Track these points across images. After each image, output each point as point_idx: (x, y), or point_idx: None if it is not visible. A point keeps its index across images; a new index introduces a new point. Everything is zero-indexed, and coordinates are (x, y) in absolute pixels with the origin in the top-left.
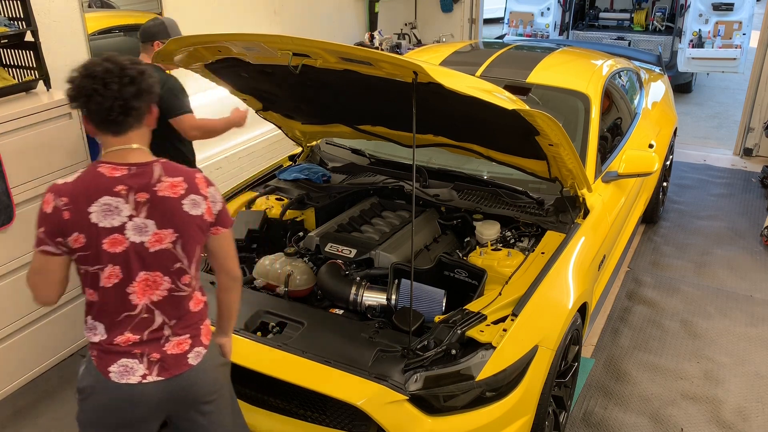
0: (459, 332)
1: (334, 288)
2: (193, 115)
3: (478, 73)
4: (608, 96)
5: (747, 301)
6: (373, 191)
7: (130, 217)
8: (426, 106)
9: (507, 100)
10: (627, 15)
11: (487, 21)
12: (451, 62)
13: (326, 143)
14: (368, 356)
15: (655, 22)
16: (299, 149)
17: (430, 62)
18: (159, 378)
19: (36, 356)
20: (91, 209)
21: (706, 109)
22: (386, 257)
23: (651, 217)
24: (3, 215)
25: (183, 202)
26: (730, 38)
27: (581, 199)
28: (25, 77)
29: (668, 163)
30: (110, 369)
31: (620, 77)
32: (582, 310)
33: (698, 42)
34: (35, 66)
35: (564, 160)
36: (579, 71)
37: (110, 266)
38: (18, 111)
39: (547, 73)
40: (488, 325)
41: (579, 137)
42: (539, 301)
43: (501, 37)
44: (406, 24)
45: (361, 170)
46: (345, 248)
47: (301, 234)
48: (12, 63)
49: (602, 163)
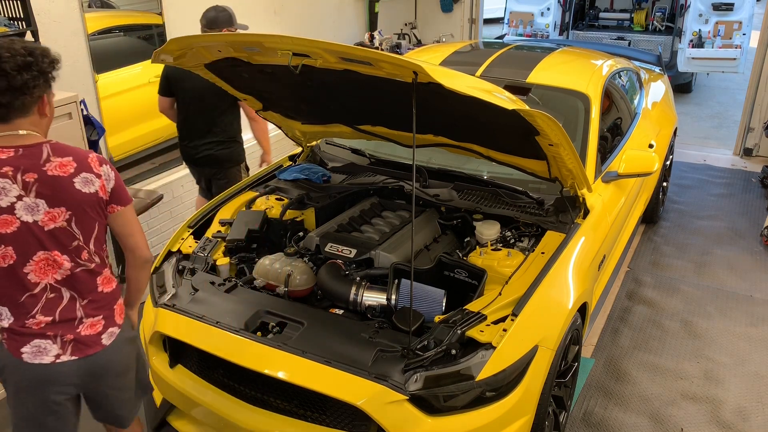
0: (459, 332)
1: (334, 288)
2: None
3: (478, 73)
4: (608, 96)
5: (747, 301)
6: (373, 191)
7: (19, 197)
8: (426, 106)
9: (507, 100)
10: (627, 15)
11: (487, 21)
12: (451, 62)
13: (326, 143)
14: (368, 356)
15: (655, 22)
16: (299, 149)
17: (430, 62)
18: (73, 357)
19: None
20: None
21: (706, 109)
22: (386, 257)
23: (651, 217)
24: None
25: (74, 180)
26: (730, 38)
27: (581, 199)
28: None
29: (668, 163)
30: (23, 350)
31: (620, 77)
32: (582, 310)
33: (698, 42)
34: None
35: (564, 160)
36: (579, 71)
37: (2, 247)
38: None
39: (547, 73)
40: (488, 325)
41: (579, 137)
42: (539, 301)
43: (501, 37)
44: (406, 24)
45: (361, 170)
46: (345, 248)
47: (301, 234)
48: None
49: (602, 163)
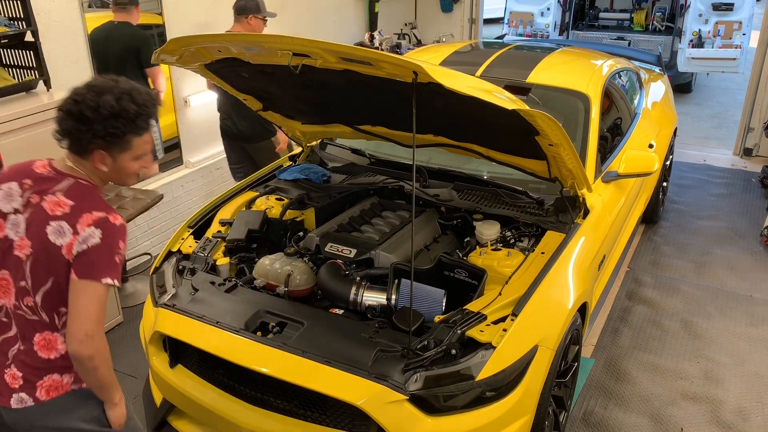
0: (459, 332)
1: (334, 288)
2: None
3: (478, 73)
4: (608, 96)
5: (747, 301)
6: (373, 191)
7: (15, 211)
8: (426, 106)
9: (507, 100)
10: (627, 15)
11: (487, 21)
12: (451, 62)
13: (326, 143)
14: (368, 356)
15: (655, 22)
16: (299, 149)
17: (430, 62)
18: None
19: None
20: (2, 187)
21: (706, 109)
22: (386, 257)
23: (651, 217)
24: None
25: (50, 223)
26: (730, 38)
27: (581, 199)
28: (25, 77)
29: (668, 163)
30: None
31: (620, 77)
32: (582, 310)
33: (698, 42)
34: (35, 66)
35: (564, 160)
36: (579, 71)
37: None
38: (18, 111)
39: (547, 73)
40: (488, 325)
41: (579, 137)
42: (539, 301)
43: (501, 37)
44: (406, 24)
45: (361, 170)
46: (345, 248)
47: (301, 234)
48: (12, 63)
49: (602, 163)
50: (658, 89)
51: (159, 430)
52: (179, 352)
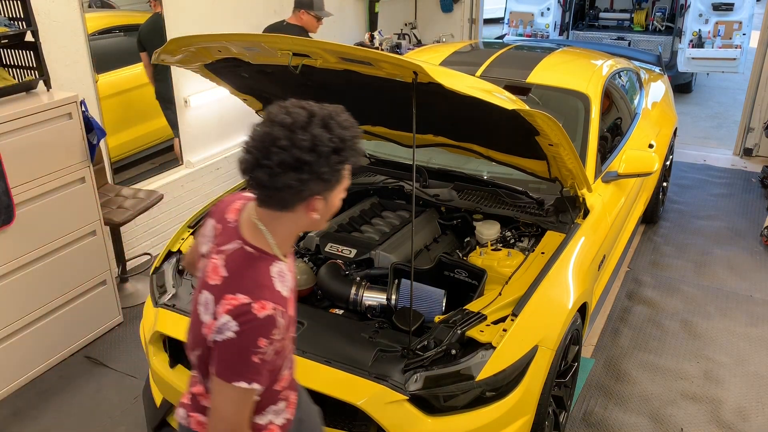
0: (459, 332)
1: (334, 288)
2: None
3: (478, 73)
4: (608, 96)
5: (747, 301)
6: (373, 191)
7: (204, 256)
8: (426, 106)
9: (507, 100)
10: (627, 15)
11: (487, 21)
12: (451, 62)
13: None
14: (368, 356)
15: (655, 22)
16: None
17: (430, 62)
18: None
19: (36, 356)
20: (208, 222)
21: (706, 109)
22: (386, 257)
23: (651, 217)
24: (3, 215)
25: (203, 291)
26: (730, 38)
27: (581, 199)
28: (25, 77)
29: (668, 163)
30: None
31: (620, 77)
32: (582, 310)
33: (698, 42)
34: (35, 66)
35: (564, 160)
36: (579, 71)
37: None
38: (18, 111)
39: (547, 73)
40: (488, 325)
41: (579, 137)
42: (539, 301)
43: (501, 37)
44: (406, 24)
45: (361, 170)
46: (345, 248)
47: (301, 234)
48: (12, 63)
49: (602, 163)
50: (658, 89)
51: (159, 430)
52: (179, 352)
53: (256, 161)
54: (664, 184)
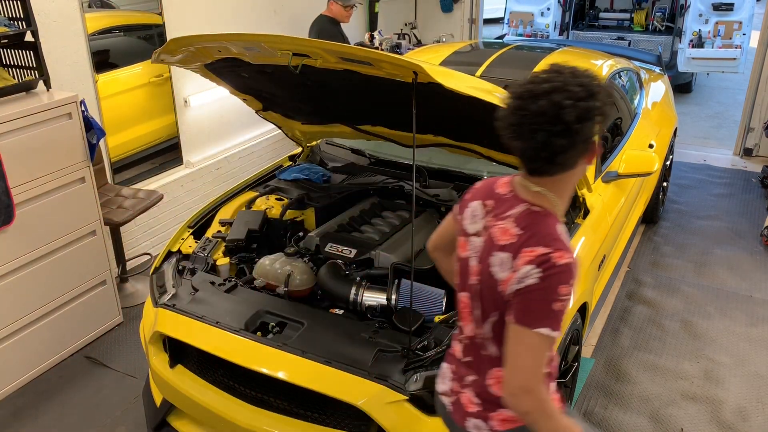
0: None
1: (334, 288)
2: None
3: (478, 73)
4: None
5: (747, 301)
6: (373, 191)
7: (476, 234)
8: (426, 106)
9: None
10: (627, 15)
11: (487, 21)
12: (451, 62)
13: (326, 143)
14: (368, 356)
15: (655, 22)
16: (299, 149)
17: (430, 62)
18: (449, 407)
19: (36, 356)
20: (470, 204)
21: (706, 109)
22: (386, 257)
23: (651, 217)
24: (3, 215)
25: (495, 253)
26: (730, 38)
27: (581, 199)
28: (25, 77)
29: (668, 163)
30: (442, 363)
31: (620, 77)
32: (582, 310)
33: (698, 42)
34: (35, 66)
35: None
36: None
37: (457, 264)
38: (18, 111)
39: None
40: None
41: None
42: None
43: (501, 37)
44: (406, 24)
45: (361, 170)
46: (345, 248)
47: (301, 234)
48: (12, 63)
49: (602, 163)
50: (658, 89)
51: (159, 430)
52: (179, 352)
53: (550, 132)
54: (664, 184)
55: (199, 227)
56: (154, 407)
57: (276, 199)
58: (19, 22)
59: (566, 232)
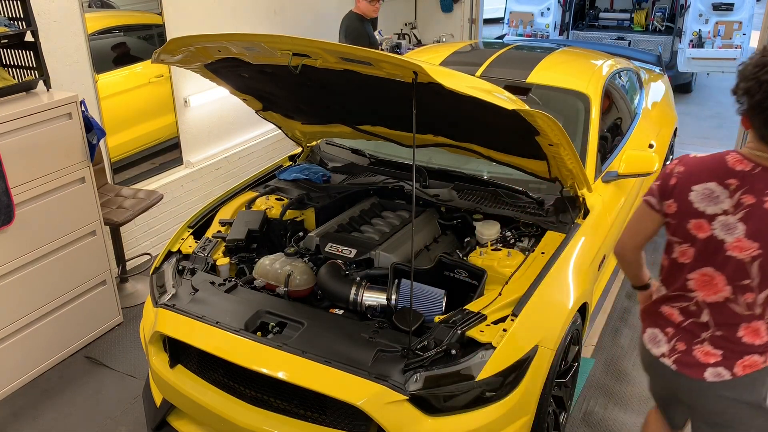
0: (459, 332)
1: (334, 288)
2: None
3: (478, 73)
4: (608, 96)
5: None
6: (373, 191)
7: (725, 212)
8: (426, 106)
9: (507, 100)
10: (627, 15)
11: (487, 21)
12: (451, 62)
13: (326, 143)
14: (368, 356)
15: (655, 22)
16: (299, 149)
17: (430, 62)
18: (672, 365)
19: (36, 356)
20: (695, 188)
21: (706, 109)
22: (386, 257)
23: None
24: (3, 215)
25: None
26: (730, 38)
27: (581, 199)
28: (25, 77)
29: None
30: (646, 330)
31: (620, 77)
32: (582, 310)
33: (698, 42)
34: (35, 66)
35: (564, 160)
36: (579, 71)
37: (686, 245)
38: (18, 111)
39: (547, 73)
40: (488, 325)
41: (579, 137)
42: (539, 301)
43: (501, 37)
44: (406, 24)
45: (361, 170)
46: (345, 248)
47: (301, 234)
48: (12, 63)
49: (602, 163)
50: (658, 89)
51: (159, 430)
52: (179, 353)
53: None
54: None
55: (199, 227)
56: (154, 407)
57: (276, 199)
58: (19, 22)
59: None
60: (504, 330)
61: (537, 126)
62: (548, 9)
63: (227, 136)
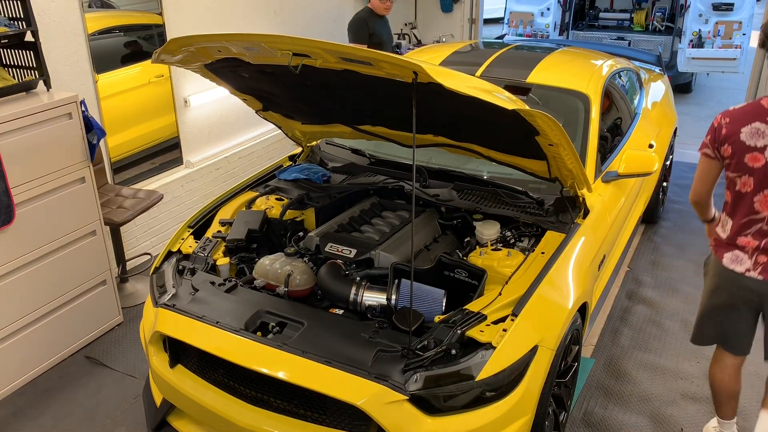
0: (459, 332)
1: (334, 288)
2: None
3: (478, 73)
4: (608, 96)
5: None
6: (373, 191)
7: None
8: (426, 106)
9: (507, 100)
10: (627, 15)
11: (487, 21)
12: (451, 62)
13: (326, 143)
14: (368, 356)
15: (655, 22)
16: (299, 149)
17: (430, 62)
18: (759, 277)
19: (36, 356)
20: (743, 129)
21: (706, 109)
22: (386, 257)
23: (651, 217)
24: (3, 215)
25: None
26: (730, 38)
27: (581, 199)
28: (25, 77)
29: (668, 163)
30: (725, 255)
31: (620, 77)
32: (582, 310)
33: (698, 42)
34: (35, 66)
35: (564, 160)
36: (579, 71)
37: (746, 176)
38: (18, 111)
39: (547, 73)
40: (488, 325)
41: (579, 137)
42: (539, 301)
43: (501, 37)
44: (406, 24)
45: (361, 170)
46: (345, 248)
47: (301, 234)
48: (12, 63)
49: (602, 163)
50: (658, 89)
51: (159, 430)
52: (179, 352)
53: None
54: (664, 184)
55: (199, 227)
56: (154, 407)
57: (276, 199)
58: (19, 22)
59: None
60: (504, 330)
61: (537, 126)
62: (548, 9)
63: (227, 136)
